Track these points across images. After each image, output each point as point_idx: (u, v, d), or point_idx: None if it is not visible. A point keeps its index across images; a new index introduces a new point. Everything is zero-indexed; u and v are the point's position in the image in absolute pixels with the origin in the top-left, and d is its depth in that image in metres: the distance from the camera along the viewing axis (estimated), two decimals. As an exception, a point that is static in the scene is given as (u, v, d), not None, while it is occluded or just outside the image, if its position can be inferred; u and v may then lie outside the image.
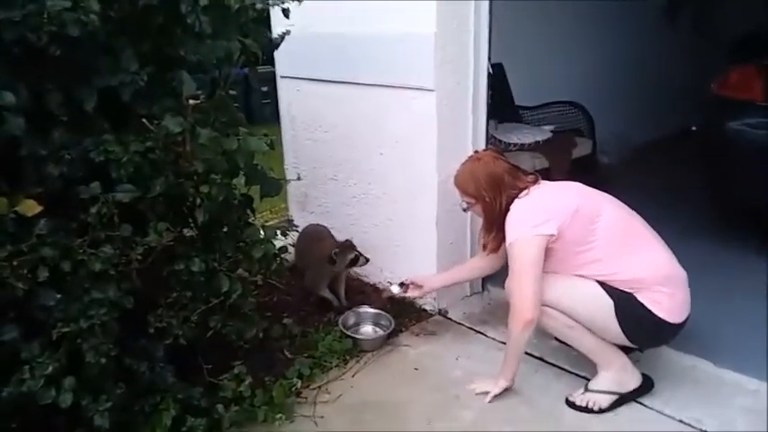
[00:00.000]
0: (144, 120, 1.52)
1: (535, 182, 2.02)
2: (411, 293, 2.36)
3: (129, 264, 1.55)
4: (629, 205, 2.03)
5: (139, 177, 1.53)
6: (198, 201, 1.64)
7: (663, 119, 5.03)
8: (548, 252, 1.88)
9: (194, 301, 1.73)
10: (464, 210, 2.18)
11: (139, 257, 1.55)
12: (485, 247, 2.19)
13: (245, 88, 6.10)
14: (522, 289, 1.87)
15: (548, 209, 1.91)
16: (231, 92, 1.81)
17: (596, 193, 2.01)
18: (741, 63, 2.89)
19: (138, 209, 1.58)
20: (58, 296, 1.47)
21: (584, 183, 2.08)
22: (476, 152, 2.19)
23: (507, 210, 1.97)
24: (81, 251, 1.45)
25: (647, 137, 4.97)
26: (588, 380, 2.02)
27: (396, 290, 2.39)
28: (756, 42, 2.98)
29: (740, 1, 5.06)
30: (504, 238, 1.95)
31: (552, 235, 1.85)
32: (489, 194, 1.99)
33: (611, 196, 2.02)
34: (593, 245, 1.88)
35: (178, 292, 1.70)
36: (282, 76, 2.97)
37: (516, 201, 1.96)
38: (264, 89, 6.09)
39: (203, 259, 1.70)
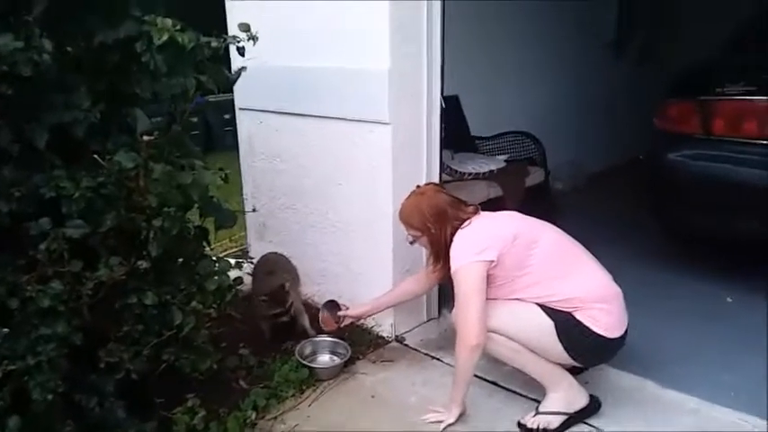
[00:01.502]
0: (96, 156, 1.54)
1: (476, 212, 2.11)
2: (344, 320, 2.47)
3: (78, 299, 1.55)
4: (581, 230, 2.14)
5: (91, 212, 1.54)
6: (151, 234, 1.66)
7: (613, 148, 5.24)
8: (489, 278, 1.96)
9: (146, 334, 1.72)
10: (410, 243, 2.24)
11: (90, 292, 1.55)
12: (435, 275, 2.24)
13: (206, 115, 6.10)
14: (467, 315, 1.93)
15: (488, 236, 2.00)
16: (192, 119, 1.85)
17: (534, 221, 2.11)
18: (680, 97, 3.05)
19: (88, 243, 1.58)
20: (5, 332, 1.46)
21: (538, 210, 2.20)
22: (418, 186, 2.25)
23: (452, 240, 2.04)
24: (29, 287, 1.44)
25: (598, 165, 5.16)
26: (539, 402, 2.08)
27: (325, 314, 2.49)
28: (694, 78, 3.14)
29: (683, 37, 5.36)
30: (449, 268, 2.03)
31: (492, 261, 1.93)
32: (434, 227, 2.06)
33: (549, 224, 2.12)
34: (530, 269, 1.97)
35: (130, 325, 1.70)
36: (241, 108, 3.01)
37: (459, 231, 2.04)
38: (226, 116, 6.10)
39: (156, 292, 1.71)
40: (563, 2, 4.52)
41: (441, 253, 2.09)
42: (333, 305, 2.51)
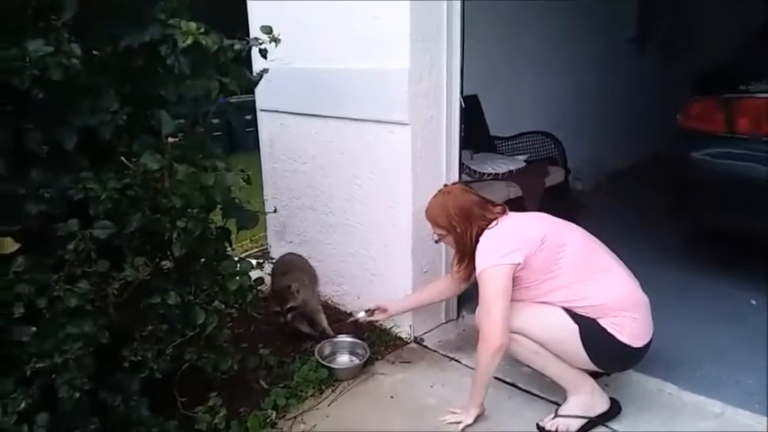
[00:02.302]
0: (122, 157, 1.56)
1: (503, 213, 2.10)
2: (376, 317, 2.45)
3: (105, 298, 1.57)
4: (602, 230, 2.11)
5: (117, 213, 1.57)
6: (175, 235, 1.68)
7: (634, 146, 5.18)
8: (515, 280, 1.95)
9: (170, 333, 1.75)
10: (436, 241, 2.25)
11: (116, 292, 1.58)
12: (459, 276, 2.26)
13: (228, 116, 6.15)
14: (490, 316, 1.92)
15: (515, 238, 1.98)
16: (214, 120, 1.86)
17: (562, 222, 2.09)
18: (703, 95, 3.01)
19: (115, 244, 1.61)
20: (33, 331, 1.49)
21: (558, 210, 2.18)
22: (445, 185, 2.27)
23: (478, 240, 2.04)
24: (57, 287, 1.47)
25: (619, 164, 5.11)
26: (559, 405, 2.07)
27: (361, 315, 2.47)
28: (718, 76, 3.10)
29: (706, 34, 5.28)
30: (475, 268, 2.02)
31: (519, 264, 1.92)
32: (460, 226, 2.07)
33: (576, 226, 2.10)
34: (558, 272, 1.95)
35: (154, 325, 1.72)
36: (262, 109, 3.04)
37: (486, 231, 2.04)
38: (248, 117, 6.14)
39: (179, 292, 1.73)
40: (583, -1, 4.48)
41: (466, 252, 2.09)
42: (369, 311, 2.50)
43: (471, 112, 3.24)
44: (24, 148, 1.48)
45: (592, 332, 1.91)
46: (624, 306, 1.93)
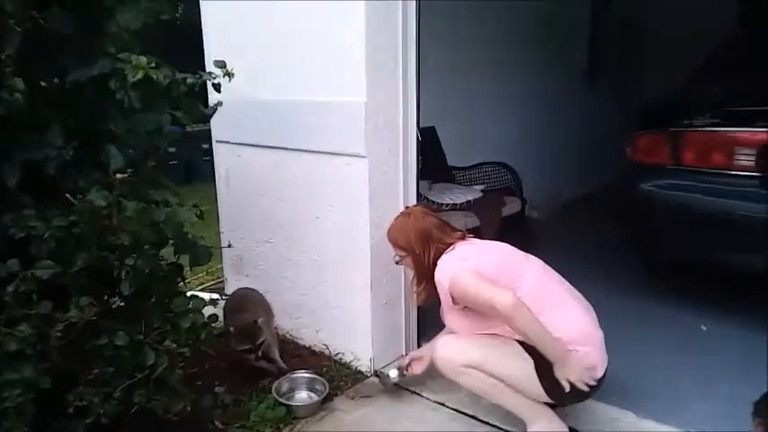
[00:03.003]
0: (68, 194, 1.51)
1: (462, 238, 2.12)
2: (414, 371, 2.39)
3: (47, 341, 1.50)
4: (558, 260, 2.15)
5: (61, 252, 1.51)
6: (123, 273, 1.62)
7: (587, 177, 5.34)
8: (468, 309, 1.96)
9: (118, 376, 1.68)
10: (396, 262, 2.26)
11: (59, 334, 1.51)
12: (418, 296, 2.24)
13: (185, 146, 6.06)
14: (488, 295, 1.87)
15: (472, 260, 2.01)
16: (171, 149, 1.84)
17: (521, 254, 2.12)
18: (650, 129, 3.14)
19: (59, 283, 1.54)
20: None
21: (515, 239, 2.20)
22: (407, 208, 2.32)
23: (435, 263, 2.06)
24: (-5, 331, 1.40)
25: (572, 194, 5.25)
26: (519, 437, 2.07)
27: (394, 375, 2.42)
28: (664, 110, 3.24)
29: (652, 68, 5.54)
30: (433, 289, 2.06)
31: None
32: (419, 248, 2.09)
33: (535, 258, 2.12)
34: None
35: (101, 367, 1.65)
36: (218, 141, 3.01)
37: (443, 256, 2.06)
38: (205, 146, 6.08)
39: (128, 332, 1.67)
40: (536, 31, 4.64)
41: (424, 274, 2.11)
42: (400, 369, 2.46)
43: (429, 143, 3.29)
44: (-38, 185, 1.42)
45: (547, 365, 1.91)
46: (578, 340, 1.95)
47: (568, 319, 1.99)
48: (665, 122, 3.04)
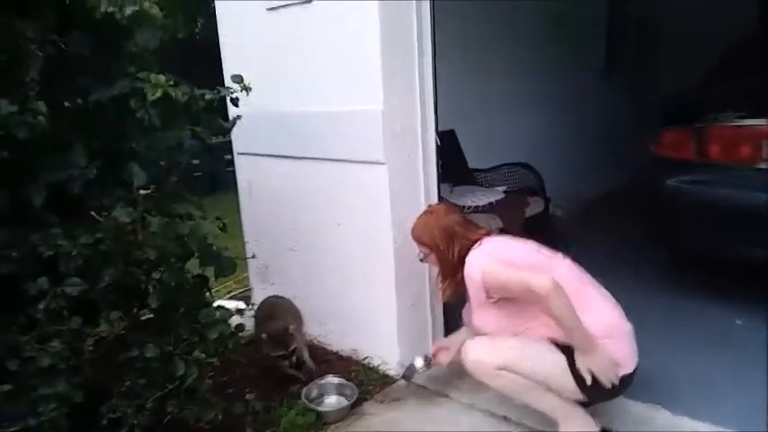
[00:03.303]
0: (92, 212, 1.55)
1: (487, 234, 2.13)
2: (440, 360, 2.38)
3: (79, 355, 1.54)
4: (584, 258, 2.12)
5: (89, 269, 1.55)
6: (150, 287, 1.66)
7: (607, 174, 5.25)
8: (499, 303, 1.96)
9: (149, 387, 1.71)
10: (421, 260, 2.27)
11: (90, 348, 1.55)
12: (443, 293, 2.22)
13: (208, 157, 6.15)
14: (525, 281, 1.87)
15: (502, 258, 1.99)
16: (195, 161, 1.88)
17: (547, 251, 2.09)
18: (674, 124, 3.09)
19: (88, 299, 1.58)
20: (6, 389, 1.45)
21: (539, 239, 2.17)
22: (429, 205, 2.35)
23: (460, 259, 2.06)
24: (29, 347, 1.44)
25: (595, 191, 5.16)
26: (551, 436, 2.04)
27: (420, 364, 2.41)
28: (687, 105, 3.19)
29: (673, 63, 5.43)
30: (459, 285, 2.06)
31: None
32: (443, 244, 2.10)
33: (562, 255, 2.09)
34: None
35: (132, 379, 1.69)
36: (239, 153, 3.05)
37: (472, 251, 2.05)
38: (227, 157, 6.16)
39: (157, 344, 1.70)
40: (553, 30, 4.59)
41: (449, 270, 2.12)
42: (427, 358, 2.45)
43: (449, 146, 3.27)
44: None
45: None
46: (608, 334, 1.92)
47: (597, 312, 1.96)
48: (690, 118, 2.98)
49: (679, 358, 2.54)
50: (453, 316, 2.62)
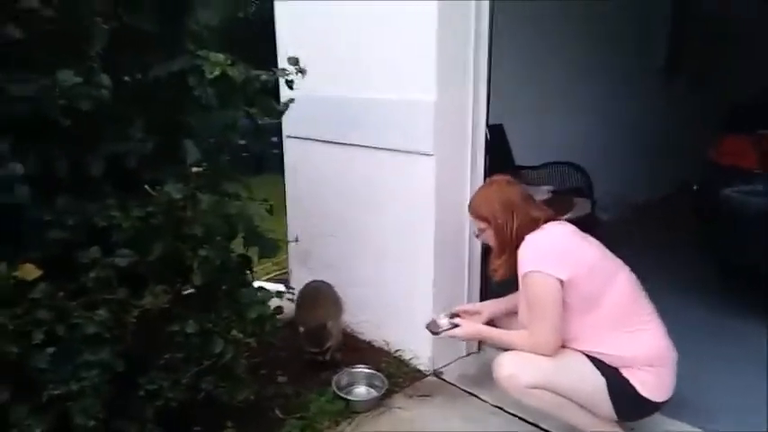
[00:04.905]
0: (146, 186, 1.57)
1: (553, 217, 2.00)
2: (465, 327, 2.14)
3: (123, 326, 1.57)
4: (628, 263, 1.99)
5: (139, 242, 1.57)
6: (196, 264, 1.68)
7: (659, 178, 5.10)
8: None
9: (187, 362, 1.74)
10: (476, 236, 2.17)
11: (134, 320, 1.58)
12: (495, 271, 2.10)
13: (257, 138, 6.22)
14: (542, 326, 1.83)
15: (563, 252, 1.88)
16: (242, 142, 1.89)
17: (613, 257, 1.97)
18: (735, 131, 2.96)
19: (135, 271, 1.61)
20: (51, 352, 1.48)
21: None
22: (491, 177, 2.23)
23: (518, 235, 1.95)
24: (76, 314, 1.48)
25: (645, 195, 5.02)
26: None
27: (444, 322, 2.18)
28: (752, 110, 3.04)
29: (738, 66, 5.21)
30: (514, 264, 1.93)
31: (562, 282, 1.80)
32: (501, 217, 1.98)
33: (623, 264, 1.98)
34: (598, 311, 1.86)
35: (171, 353, 1.71)
36: (288, 136, 3.06)
37: (533, 234, 1.93)
38: (274, 139, 6.21)
39: (198, 321, 1.73)
40: (612, 28, 4.45)
41: (505, 246, 1.99)
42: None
43: (496, 142, 3.21)
44: (51, 175, 1.49)
45: (618, 385, 1.83)
46: (652, 362, 1.85)
47: (650, 336, 1.88)
48: (753, 125, 2.85)
49: (721, 377, 2.46)
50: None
